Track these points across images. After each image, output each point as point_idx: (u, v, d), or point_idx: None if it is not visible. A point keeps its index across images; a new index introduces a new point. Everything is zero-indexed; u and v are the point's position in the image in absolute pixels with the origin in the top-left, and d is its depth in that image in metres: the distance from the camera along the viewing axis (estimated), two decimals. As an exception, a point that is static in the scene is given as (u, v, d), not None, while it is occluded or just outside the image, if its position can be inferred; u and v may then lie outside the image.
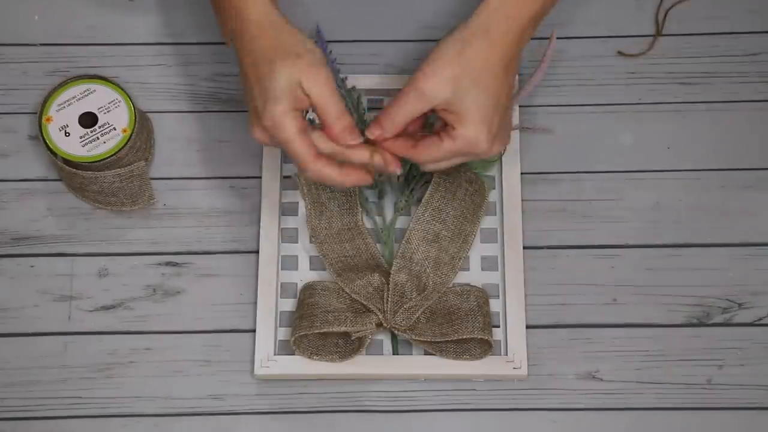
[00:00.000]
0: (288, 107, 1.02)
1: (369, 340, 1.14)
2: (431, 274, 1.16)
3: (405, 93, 1.03)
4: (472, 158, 1.07)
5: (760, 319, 1.17)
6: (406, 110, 1.03)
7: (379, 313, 1.13)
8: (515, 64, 1.05)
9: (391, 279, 1.15)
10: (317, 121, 1.06)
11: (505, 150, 1.19)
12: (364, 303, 1.14)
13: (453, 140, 1.04)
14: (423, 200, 1.17)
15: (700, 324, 1.17)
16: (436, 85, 1.02)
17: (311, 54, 1.03)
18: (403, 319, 1.13)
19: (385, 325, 1.13)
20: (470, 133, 1.03)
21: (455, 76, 1.02)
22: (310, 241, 1.19)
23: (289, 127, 1.02)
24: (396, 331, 1.14)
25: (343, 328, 1.12)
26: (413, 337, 1.13)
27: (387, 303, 1.14)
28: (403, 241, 1.17)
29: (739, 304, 1.17)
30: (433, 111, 1.04)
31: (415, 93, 1.03)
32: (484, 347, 1.14)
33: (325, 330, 1.12)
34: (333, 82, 1.03)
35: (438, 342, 1.14)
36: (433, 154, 1.05)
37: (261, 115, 1.03)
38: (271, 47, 1.03)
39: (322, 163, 1.04)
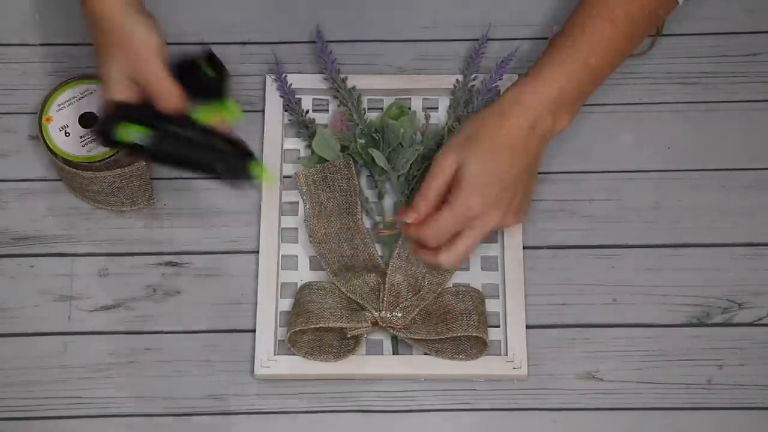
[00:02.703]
0: (119, 94, 1.08)
1: (365, 339, 1.14)
2: (427, 275, 1.16)
3: (429, 170, 1.10)
4: (480, 229, 1.09)
5: (760, 319, 1.17)
6: (431, 185, 1.10)
7: (374, 312, 1.13)
8: (530, 146, 1.10)
9: (387, 279, 1.15)
10: None
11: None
12: (360, 302, 1.14)
13: (449, 206, 1.09)
14: None
15: (700, 324, 1.17)
16: (447, 159, 1.09)
17: (138, 46, 1.08)
18: (399, 319, 1.13)
19: (380, 324, 1.13)
20: (461, 197, 1.08)
21: (464, 151, 1.09)
22: (309, 241, 1.19)
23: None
24: (391, 330, 1.14)
25: (339, 324, 1.12)
26: (408, 335, 1.13)
27: (383, 303, 1.14)
28: (400, 241, 1.17)
29: (739, 304, 1.17)
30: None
31: (435, 166, 1.10)
32: (480, 347, 1.14)
33: (321, 325, 1.12)
34: (159, 62, 1.08)
35: (433, 341, 1.14)
36: (439, 222, 1.09)
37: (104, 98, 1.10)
38: (106, 44, 1.09)
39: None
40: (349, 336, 1.13)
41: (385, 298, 1.14)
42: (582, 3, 1.12)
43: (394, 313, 1.14)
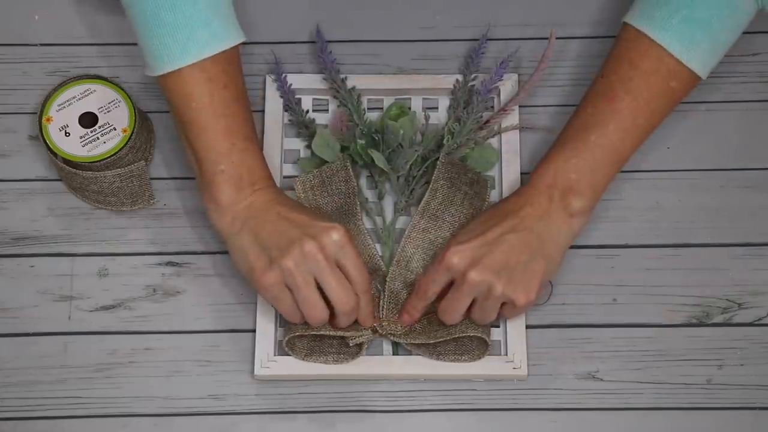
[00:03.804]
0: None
1: (367, 346, 1.14)
2: None
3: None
4: (463, 291, 1.09)
5: (760, 319, 1.17)
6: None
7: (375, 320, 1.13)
8: (521, 217, 1.09)
9: (386, 287, 1.15)
10: None
11: (530, 303, 1.10)
12: None
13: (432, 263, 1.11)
14: (420, 207, 1.17)
15: (700, 324, 1.17)
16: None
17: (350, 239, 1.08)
18: (399, 327, 1.13)
19: (380, 332, 1.13)
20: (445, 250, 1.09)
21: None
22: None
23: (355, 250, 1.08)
24: (392, 337, 1.14)
25: (339, 333, 1.12)
26: (409, 340, 1.13)
27: (382, 311, 1.14)
28: (399, 249, 1.16)
29: (739, 304, 1.17)
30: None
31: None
32: (482, 347, 1.13)
33: (322, 333, 1.12)
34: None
35: (434, 345, 1.13)
36: (427, 283, 1.10)
37: (316, 235, 1.06)
38: (317, 212, 1.11)
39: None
40: (351, 345, 1.13)
41: (385, 306, 1.14)
42: (599, 93, 1.11)
43: (393, 322, 1.14)
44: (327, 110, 1.25)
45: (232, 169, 1.09)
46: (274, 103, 1.23)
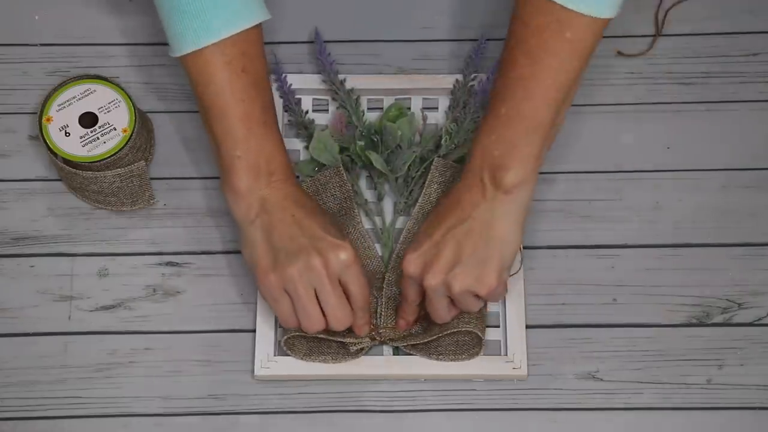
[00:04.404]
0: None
1: (367, 350, 1.14)
2: None
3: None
4: (430, 295, 1.09)
5: (760, 319, 1.17)
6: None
7: (371, 330, 1.13)
8: (461, 208, 1.08)
9: (383, 294, 1.15)
10: None
11: (493, 297, 1.10)
12: None
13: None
14: (414, 211, 1.17)
15: (700, 324, 1.17)
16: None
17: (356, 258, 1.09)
18: (397, 332, 1.14)
19: (378, 339, 1.13)
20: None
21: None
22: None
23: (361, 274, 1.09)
24: (391, 343, 1.14)
25: (338, 338, 1.12)
26: (407, 342, 1.13)
27: (380, 317, 1.14)
28: (394, 254, 1.17)
29: (739, 304, 1.17)
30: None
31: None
32: (479, 342, 1.13)
33: (320, 336, 1.12)
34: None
35: (434, 346, 1.13)
36: (404, 290, 1.11)
37: (324, 251, 1.06)
38: (330, 221, 1.11)
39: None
40: (353, 351, 1.13)
41: (383, 313, 1.14)
42: (503, 63, 1.06)
43: (390, 327, 1.14)
44: (327, 110, 1.25)
45: (250, 156, 1.08)
46: (274, 103, 1.23)
